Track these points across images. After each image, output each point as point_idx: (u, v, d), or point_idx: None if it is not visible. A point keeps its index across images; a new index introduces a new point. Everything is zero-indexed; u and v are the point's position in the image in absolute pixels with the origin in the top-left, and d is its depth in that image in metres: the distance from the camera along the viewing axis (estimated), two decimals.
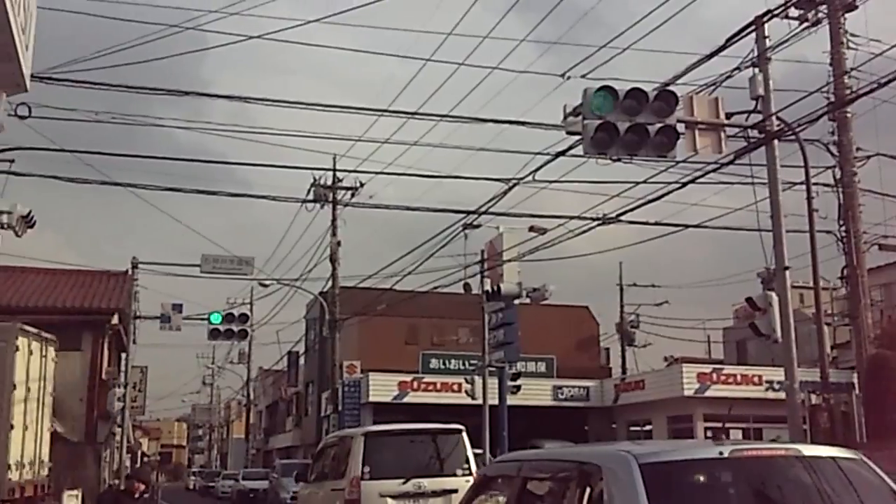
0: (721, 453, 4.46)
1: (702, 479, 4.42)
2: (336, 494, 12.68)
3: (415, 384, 35.20)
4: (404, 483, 12.19)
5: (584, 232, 17.88)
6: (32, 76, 5.72)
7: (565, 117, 12.68)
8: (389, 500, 12.18)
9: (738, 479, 4.46)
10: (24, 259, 34.13)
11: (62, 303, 33.82)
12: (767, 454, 4.59)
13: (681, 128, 12.74)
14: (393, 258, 78.96)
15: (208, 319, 30.12)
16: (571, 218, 18.51)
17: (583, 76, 14.40)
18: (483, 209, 20.13)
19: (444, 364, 38.08)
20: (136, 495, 8.98)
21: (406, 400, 34.69)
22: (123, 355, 36.51)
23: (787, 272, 13.53)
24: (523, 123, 15.95)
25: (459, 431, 13.09)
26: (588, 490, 4.44)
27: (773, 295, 13.50)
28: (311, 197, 28.46)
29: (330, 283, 30.55)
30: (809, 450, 4.74)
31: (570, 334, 42.23)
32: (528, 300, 24.71)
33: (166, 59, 15.60)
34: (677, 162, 13.94)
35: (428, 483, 12.22)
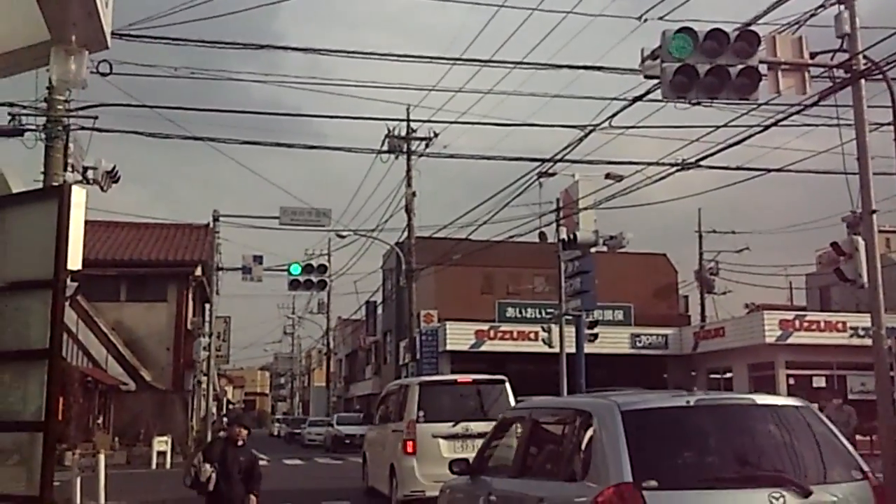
0: (688, 402, 5.59)
1: (672, 423, 5.47)
2: (396, 435, 14.70)
3: (491, 333, 35.43)
4: (454, 426, 13.85)
5: (663, 178, 17.65)
6: (113, 33, 5.84)
7: (643, 61, 12.44)
8: (441, 440, 13.82)
9: (705, 424, 5.55)
10: (110, 213, 35.25)
11: (148, 255, 34.87)
12: (727, 403, 5.81)
13: (763, 69, 12.39)
14: (468, 208, 79.22)
15: (288, 270, 30.68)
16: (649, 164, 18.26)
17: (660, 18, 14.07)
18: (558, 157, 19.98)
19: (520, 313, 38.19)
20: (240, 442, 8.41)
21: (483, 348, 34.98)
22: (207, 306, 37.54)
23: (874, 216, 13.15)
24: (599, 68, 15.71)
25: (503, 382, 14.74)
26: (582, 431, 5.71)
27: (859, 239, 13.16)
28: (385, 148, 28.61)
29: (406, 233, 30.78)
30: (763, 399, 5.79)
31: (648, 282, 41.89)
32: (604, 248, 24.54)
33: (241, 12, 15.73)
34: (759, 104, 13.58)
35: (474, 426, 13.68)
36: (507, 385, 14.77)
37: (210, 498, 8.37)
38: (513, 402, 13.86)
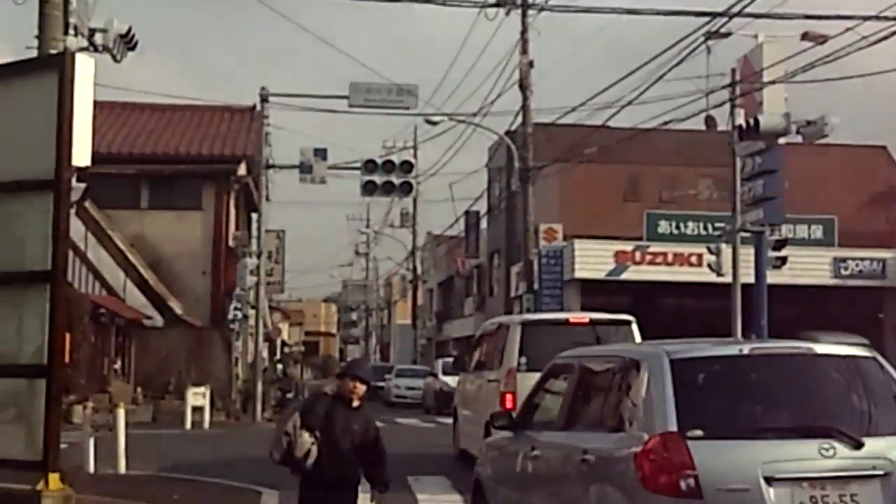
0: (741, 350, 7.10)
1: (724, 372, 6.95)
2: (493, 385, 15.67)
3: (637, 255, 35.30)
4: None
5: (884, 39, 17.07)
6: None
7: None
8: None
9: (757, 374, 7.03)
10: (127, 92, 35.98)
11: (175, 149, 35.71)
12: (782, 352, 7.21)
13: None
14: (606, 83, 78.11)
15: (361, 168, 31.00)
16: (866, 19, 17.70)
17: None
18: (735, 9, 19.48)
19: (677, 228, 37.86)
20: (355, 403, 7.97)
21: (625, 276, 34.94)
22: (255, 216, 38.40)
23: None
24: None
25: (629, 323, 15.68)
26: (630, 380, 7.10)
27: None
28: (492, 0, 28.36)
29: (520, 118, 30.67)
30: (822, 348, 7.32)
31: (860, 186, 40.94)
32: (798, 138, 23.98)
33: None
34: None
35: None
36: (635, 327, 15.61)
37: (307, 480, 7.90)
38: None
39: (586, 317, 16.55)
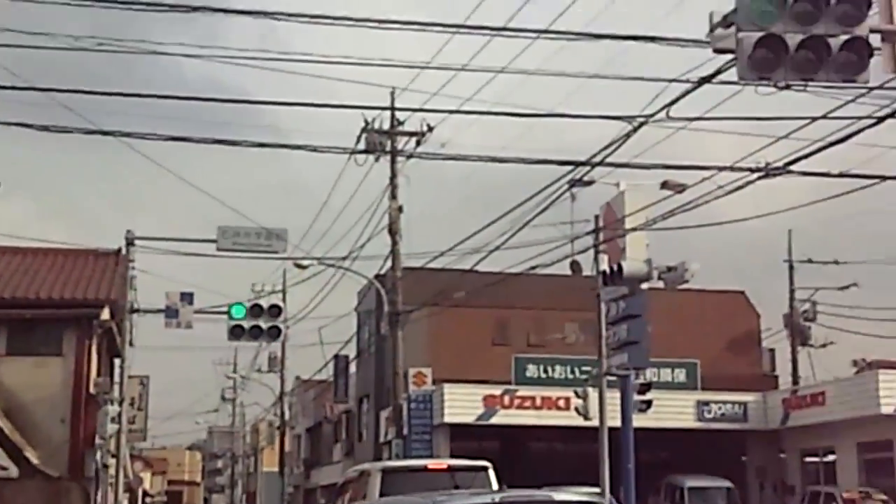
0: (493, 499, 8.27)
1: None
2: None
3: (506, 399, 35.37)
4: None
5: (740, 188, 17.64)
6: None
7: (712, 29, 12.48)
8: None
9: None
10: None
11: (36, 293, 34.84)
12: (527, 500, 8.41)
13: (875, 40, 12.45)
14: (474, 228, 79.13)
15: (228, 313, 30.59)
16: (721, 169, 18.25)
17: None
18: (598, 159, 19.99)
19: (545, 371, 38.16)
20: None
21: (494, 420, 34.91)
22: (117, 362, 37.46)
23: None
24: (653, 39, 15.76)
25: (485, 469, 16.05)
26: None
27: None
28: (362, 146, 28.67)
29: (390, 262, 30.79)
30: (560, 496, 8.80)
31: (721, 330, 41.85)
32: (660, 283, 24.53)
33: None
34: (871, 89, 13.63)
35: None
36: (491, 472, 16.01)
37: None
38: None
39: (444, 463, 17.24)
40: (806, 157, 15.93)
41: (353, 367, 49.99)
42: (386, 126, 29.39)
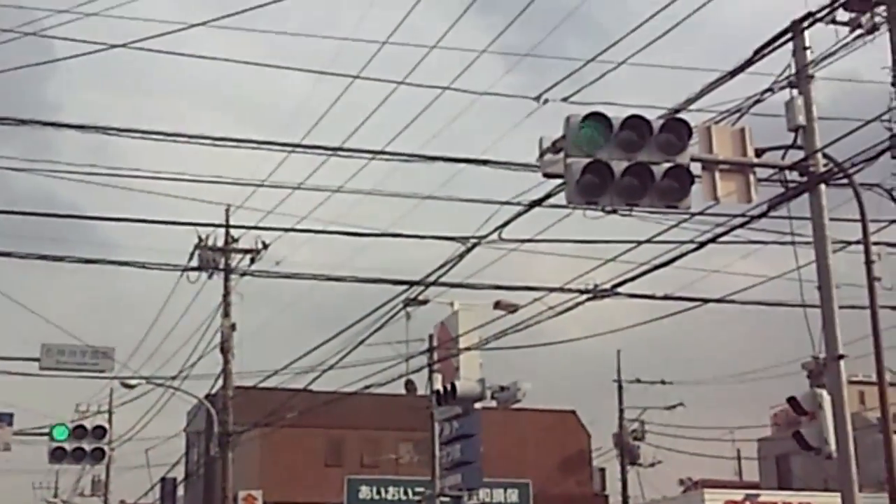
0: None
1: None
2: None
3: None
4: None
5: (570, 309, 17.88)
6: None
7: (542, 155, 12.79)
8: None
9: None
10: None
11: None
12: None
13: (696, 168, 12.92)
14: (308, 346, 78.27)
15: (50, 435, 29.50)
16: (552, 290, 18.52)
17: (564, 99, 14.53)
18: (432, 279, 20.10)
19: (378, 493, 37.65)
20: None
21: None
22: None
23: (842, 362, 13.65)
24: (485, 162, 16.04)
25: None
26: None
27: (824, 393, 13.59)
28: (194, 263, 28.25)
29: (220, 381, 30.18)
30: None
31: (552, 449, 42.10)
32: (493, 403, 24.61)
33: None
34: (692, 214, 14.10)
35: None
36: None
37: None
38: None
39: None
40: (632, 279, 16.28)
41: (180, 491, 48.49)
42: (220, 243, 29.07)
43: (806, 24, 13.68)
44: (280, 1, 14.66)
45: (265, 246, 28.73)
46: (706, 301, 18.89)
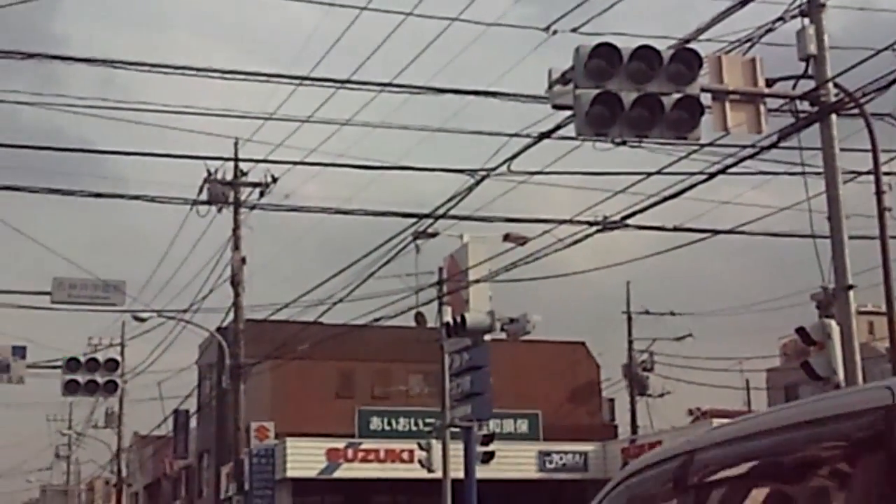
0: None
1: None
2: None
3: (349, 452, 35.07)
4: None
5: (579, 241, 17.94)
6: None
7: (551, 86, 12.75)
8: None
9: None
10: None
11: None
12: None
13: (706, 99, 12.88)
14: (318, 280, 78.66)
15: (63, 367, 29.74)
16: (561, 222, 18.56)
17: (574, 30, 14.48)
18: (441, 211, 20.15)
19: (388, 424, 37.97)
20: None
21: (337, 474, 34.56)
22: None
23: (851, 292, 13.70)
24: (494, 94, 16.02)
25: None
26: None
27: (833, 324, 13.65)
28: (204, 197, 28.30)
29: (231, 314, 30.37)
30: None
31: (562, 381, 42.33)
32: (503, 335, 24.74)
33: (3, 8, 15.45)
34: (702, 145, 14.08)
35: None
36: None
37: None
38: None
39: None
40: (642, 210, 16.31)
41: (193, 423, 48.99)
42: (229, 177, 29.10)
43: None
44: None
45: (274, 179, 28.74)
46: (716, 232, 18.92)
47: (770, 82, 13.63)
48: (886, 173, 15.89)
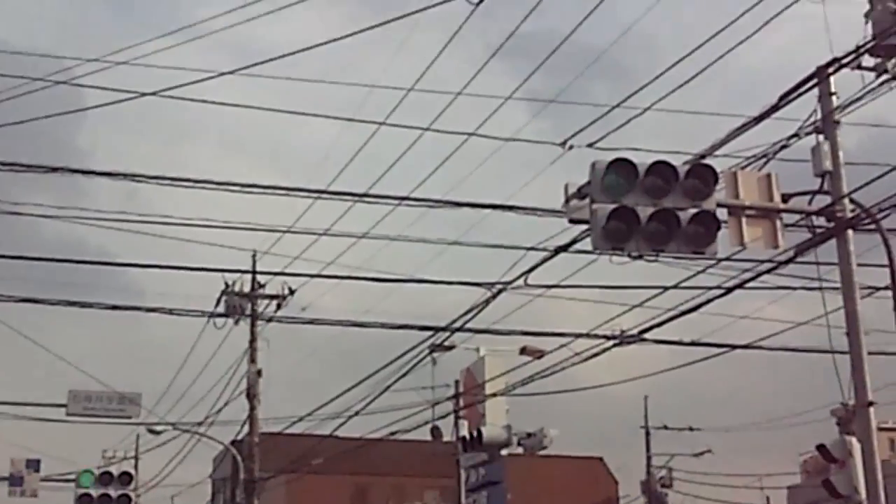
0: None
1: None
2: None
3: None
4: None
5: (596, 355, 17.85)
6: None
7: (567, 200, 12.80)
8: None
9: None
10: None
11: None
12: None
13: (722, 214, 12.90)
14: (334, 392, 78.18)
15: (77, 481, 29.50)
16: (578, 336, 18.48)
17: (590, 145, 14.56)
18: (458, 324, 20.09)
19: None
20: None
21: None
22: None
23: (872, 409, 13.54)
24: (511, 208, 16.07)
25: None
26: None
27: (854, 441, 13.47)
28: (221, 309, 28.33)
29: (247, 427, 30.16)
30: None
31: (580, 497, 41.88)
32: (520, 449, 24.53)
33: (29, 122, 15.64)
34: (719, 260, 14.05)
35: None
36: None
37: None
38: None
39: None
40: (659, 325, 16.24)
41: None
42: (247, 289, 29.16)
43: (831, 69, 13.69)
44: (308, 49, 14.77)
45: (291, 291, 28.78)
46: (734, 347, 18.80)
47: (786, 197, 13.66)
48: None
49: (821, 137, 13.79)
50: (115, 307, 20.24)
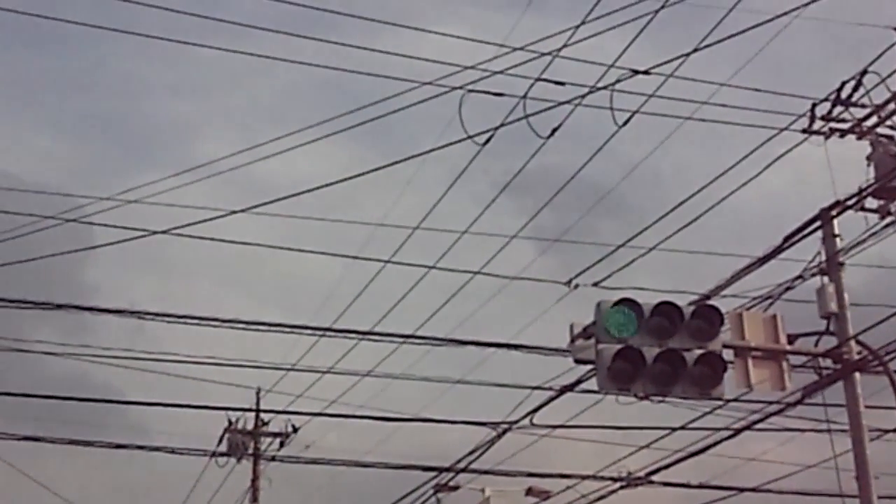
0: None
1: None
2: None
3: None
4: None
5: (603, 497, 17.66)
6: None
7: (573, 340, 12.76)
8: None
9: None
10: None
11: None
12: None
13: (728, 355, 12.83)
14: None
15: None
16: (584, 478, 18.28)
17: (595, 284, 14.62)
18: (463, 465, 19.86)
19: None
20: None
21: None
22: None
23: None
24: (516, 347, 16.02)
25: None
26: None
27: None
28: (223, 447, 28.11)
29: None
30: None
31: None
32: None
33: (39, 260, 15.73)
34: (726, 401, 13.92)
35: None
36: None
37: None
38: None
39: None
40: (667, 466, 16.08)
41: None
42: (250, 426, 28.96)
43: (835, 212, 13.78)
44: (315, 190, 14.88)
45: (295, 429, 28.58)
46: (742, 490, 18.58)
47: (792, 339, 13.60)
48: None
49: (825, 279, 13.80)
50: (117, 446, 20.09)
